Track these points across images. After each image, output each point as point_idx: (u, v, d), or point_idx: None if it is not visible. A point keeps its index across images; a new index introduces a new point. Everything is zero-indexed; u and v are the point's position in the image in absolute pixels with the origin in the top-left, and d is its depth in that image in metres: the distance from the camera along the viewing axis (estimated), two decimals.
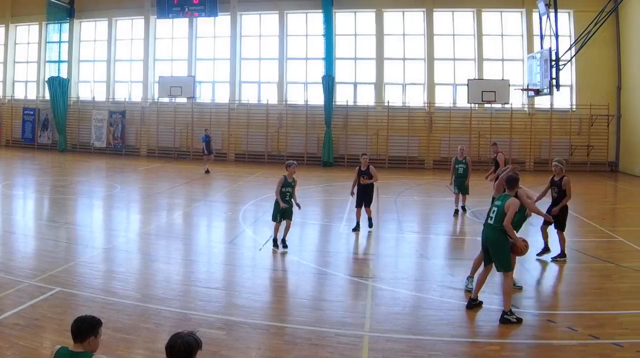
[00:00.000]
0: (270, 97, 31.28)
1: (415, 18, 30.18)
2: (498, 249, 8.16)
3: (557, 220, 10.98)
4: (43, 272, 9.67)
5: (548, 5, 22.83)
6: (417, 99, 30.06)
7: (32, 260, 10.69)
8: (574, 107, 28.35)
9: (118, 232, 13.90)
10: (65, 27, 34.02)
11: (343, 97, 30.38)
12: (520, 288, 9.29)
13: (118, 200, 18.75)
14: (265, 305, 8.83)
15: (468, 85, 27.90)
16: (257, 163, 29.99)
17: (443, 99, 29.69)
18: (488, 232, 8.30)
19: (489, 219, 8.32)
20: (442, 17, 29.80)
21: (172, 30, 33.04)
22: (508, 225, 7.94)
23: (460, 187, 15.75)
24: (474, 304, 8.34)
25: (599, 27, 21.97)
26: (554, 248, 11.25)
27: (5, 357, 6.42)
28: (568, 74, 27.38)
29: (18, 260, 10.56)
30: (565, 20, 27.68)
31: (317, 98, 30.18)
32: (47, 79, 33.81)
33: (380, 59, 30.16)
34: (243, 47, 32.09)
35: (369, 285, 9.60)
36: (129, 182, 23.01)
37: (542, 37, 24.04)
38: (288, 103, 31.08)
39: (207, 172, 24.80)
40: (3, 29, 36.03)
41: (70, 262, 10.55)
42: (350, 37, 30.81)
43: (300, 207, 12.04)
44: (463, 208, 16.02)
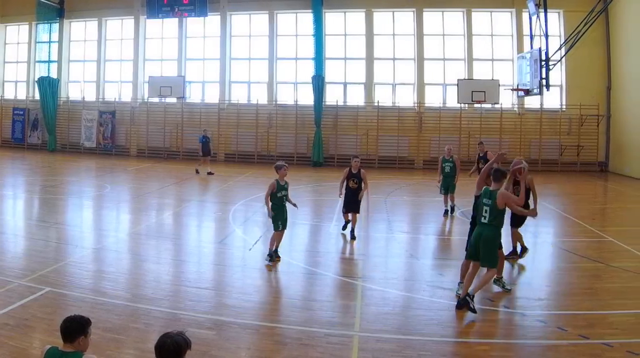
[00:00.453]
0: (260, 97, 31.23)
1: (405, 18, 30.22)
2: (489, 245, 8.26)
3: (513, 217, 10.66)
4: (33, 272, 9.63)
5: (538, 5, 22.95)
6: (407, 99, 30.12)
7: (22, 260, 10.64)
8: (564, 107, 28.50)
9: (108, 232, 13.85)
10: (55, 27, 33.81)
11: (333, 97, 30.39)
12: (509, 290, 9.31)
13: (108, 200, 18.68)
14: (255, 305, 8.81)
15: (458, 85, 28.00)
16: (246, 163, 29.95)
17: (433, 99, 29.71)
18: (483, 230, 8.35)
19: (483, 219, 8.36)
20: (432, 17, 29.86)
21: (162, 30, 32.93)
22: (520, 210, 8.73)
23: (447, 186, 15.79)
24: (464, 304, 8.30)
25: (589, 27, 22.04)
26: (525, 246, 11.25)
27: None
28: (558, 74, 27.52)
29: (8, 260, 10.50)
30: (555, 21, 27.80)
31: (307, 98, 30.20)
32: (37, 79, 33.61)
33: (370, 59, 30.20)
34: (233, 47, 32.04)
35: (359, 285, 9.62)
36: (119, 182, 22.90)
37: (532, 37, 24.21)
38: (278, 103, 31.08)
39: (197, 172, 24.83)
40: None
41: (60, 262, 10.51)
42: (340, 37, 30.82)
43: (297, 206, 11.45)
44: (452, 208, 16.05)
